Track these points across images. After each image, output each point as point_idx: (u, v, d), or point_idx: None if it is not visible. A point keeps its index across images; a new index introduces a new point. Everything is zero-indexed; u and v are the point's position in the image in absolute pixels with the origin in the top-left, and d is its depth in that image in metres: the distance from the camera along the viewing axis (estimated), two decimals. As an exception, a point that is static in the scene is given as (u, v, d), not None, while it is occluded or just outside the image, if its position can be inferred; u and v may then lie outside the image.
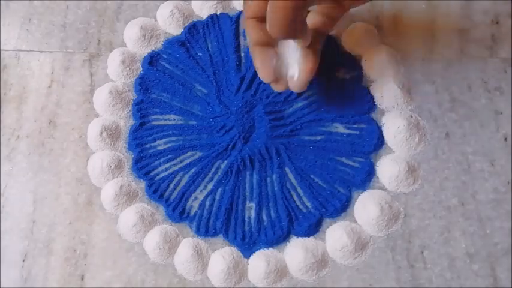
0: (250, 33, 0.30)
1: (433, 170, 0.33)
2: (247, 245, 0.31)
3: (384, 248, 0.31)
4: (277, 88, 0.32)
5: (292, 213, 0.32)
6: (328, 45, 0.36)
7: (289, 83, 0.31)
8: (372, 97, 0.35)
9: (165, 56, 0.36)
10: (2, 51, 0.37)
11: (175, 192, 0.33)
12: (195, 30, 0.37)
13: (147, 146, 0.34)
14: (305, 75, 0.30)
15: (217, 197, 0.33)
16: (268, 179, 0.33)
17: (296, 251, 0.31)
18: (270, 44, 0.30)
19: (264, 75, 0.31)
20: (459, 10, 0.37)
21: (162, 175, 0.33)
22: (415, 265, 0.31)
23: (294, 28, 0.27)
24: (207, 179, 0.33)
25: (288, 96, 0.35)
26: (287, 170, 0.33)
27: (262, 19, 0.29)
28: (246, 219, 0.32)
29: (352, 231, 0.31)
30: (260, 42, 0.30)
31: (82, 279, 0.31)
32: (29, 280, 0.31)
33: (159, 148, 0.34)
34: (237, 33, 0.37)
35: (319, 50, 0.31)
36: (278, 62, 0.30)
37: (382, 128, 0.34)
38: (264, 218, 0.32)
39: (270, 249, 0.31)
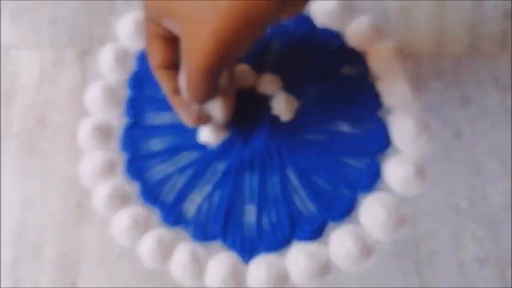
0: (163, 84, 0.29)
1: (442, 172, 0.32)
2: (247, 250, 0.31)
3: (391, 254, 0.31)
4: (201, 126, 0.31)
5: (294, 217, 0.31)
6: (332, 40, 0.35)
7: (214, 120, 0.30)
8: (378, 95, 0.34)
9: (160, 51, 0.36)
10: (-10, 47, 0.36)
11: (171, 195, 0.32)
12: (192, 24, 0.36)
13: (141, 146, 0.33)
14: (228, 113, 0.30)
15: (215, 200, 0.32)
16: (269, 181, 0.32)
17: (298, 257, 0.30)
18: None
19: (190, 122, 0.30)
20: (469, 5, 0.36)
21: (157, 177, 0.33)
22: (423, 271, 0.30)
23: (213, 94, 0.26)
24: (204, 181, 0.32)
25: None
26: (289, 171, 0.32)
27: (171, 66, 0.28)
28: (246, 223, 0.32)
29: (357, 235, 0.30)
30: (177, 90, 0.28)
31: (74, 285, 0.31)
32: (19, 286, 0.31)
33: (154, 148, 0.33)
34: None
35: (233, 80, 0.30)
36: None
37: (389, 127, 0.33)
38: (265, 221, 0.31)
39: (271, 254, 0.31)
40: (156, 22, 0.26)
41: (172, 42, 0.27)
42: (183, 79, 0.26)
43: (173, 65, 0.28)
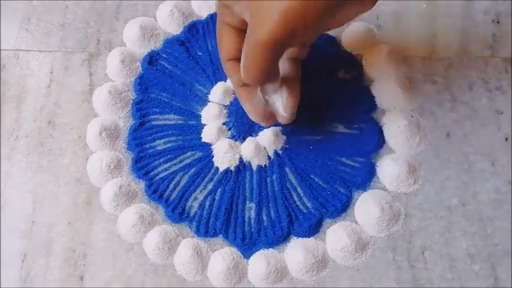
0: (232, 76, 0.29)
1: (433, 170, 0.33)
2: (247, 246, 0.31)
3: (385, 249, 0.31)
4: (267, 124, 0.32)
5: (292, 214, 0.32)
6: (328, 45, 0.36)
7: (278, 117, 0.30)
8: (373, 97, 0.35)
9: (164, 55, 0.36)
10: (1, 51, 0.37)
11: (175, 193, 0.33)
12: (194, 29, 0.37)
13: (147, 146, 0.34)
14: (292, 108, 0.29)
15: (217, 197, 0.33)
16: (268, 179, 0.33)
17: (296, 252, 0.31)
18: None
19: (256, 116, 0.30)
20: (460, 9, 0.37)
21: (161, 175, 0.33)
22: (416, 265, 0.31)
23: (269, 76, 0.26)
24: (206, 179, 0.33)
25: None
26: (287, 170, 0.33)
27: (240, 59, 0.27)
28: (246, 220, 0.32)
29: (352, 231, 0.31)
30: (244, 83, 0.28)
31: (81, 279, 0.31)
32: (28, 280, 0.31)
33: (159, 148, 0.34)
34: (237, 33, 0.37)
35: (299, 79, 0.30)
36: (264, 98, 0.30)
37: (383, 128, 0.34)
38: (264, 218, 0.32)
39: (270, 249, 0.31)
40: (229, 8, 0.25)
41: (243, 33, 0.26)
42: (243, 59, 0.25)
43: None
